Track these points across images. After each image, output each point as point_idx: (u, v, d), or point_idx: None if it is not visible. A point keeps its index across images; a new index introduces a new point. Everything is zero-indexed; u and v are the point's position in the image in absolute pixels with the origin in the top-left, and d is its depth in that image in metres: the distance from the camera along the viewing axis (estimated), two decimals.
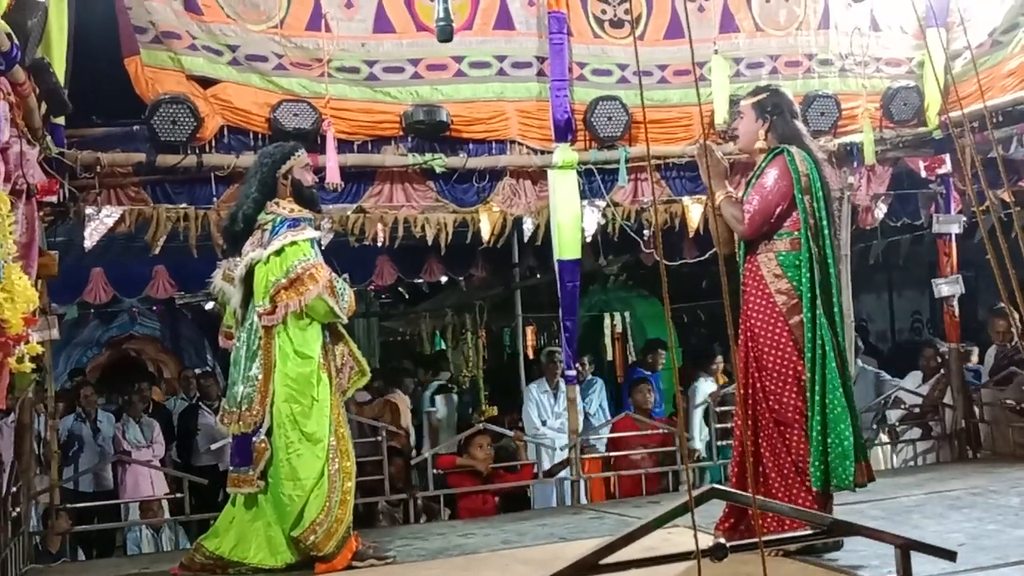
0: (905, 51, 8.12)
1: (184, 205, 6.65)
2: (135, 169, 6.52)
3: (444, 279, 12.10)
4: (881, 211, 8.41)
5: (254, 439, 5.00)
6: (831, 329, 4.68)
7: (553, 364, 8.93)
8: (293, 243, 5.00)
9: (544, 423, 8.80)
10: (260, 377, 4.99)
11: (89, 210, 6.47)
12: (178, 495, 6.77)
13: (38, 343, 4.30)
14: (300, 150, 5.45)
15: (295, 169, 5.28)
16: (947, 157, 8.10)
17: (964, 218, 8.22)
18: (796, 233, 4.76)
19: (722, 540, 2.86)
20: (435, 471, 7.35)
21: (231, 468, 5.17)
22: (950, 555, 3.15)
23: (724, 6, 7.74)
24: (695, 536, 2.45)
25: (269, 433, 4.99)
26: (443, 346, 16.59)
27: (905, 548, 3.03)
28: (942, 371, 8.69)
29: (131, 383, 9.86)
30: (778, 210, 4.76)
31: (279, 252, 4.98)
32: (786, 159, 4.79)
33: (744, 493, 4.29)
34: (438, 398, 11.13)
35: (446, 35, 5.78)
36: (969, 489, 6.53)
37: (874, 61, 8.04)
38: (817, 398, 4.64)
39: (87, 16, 6.06)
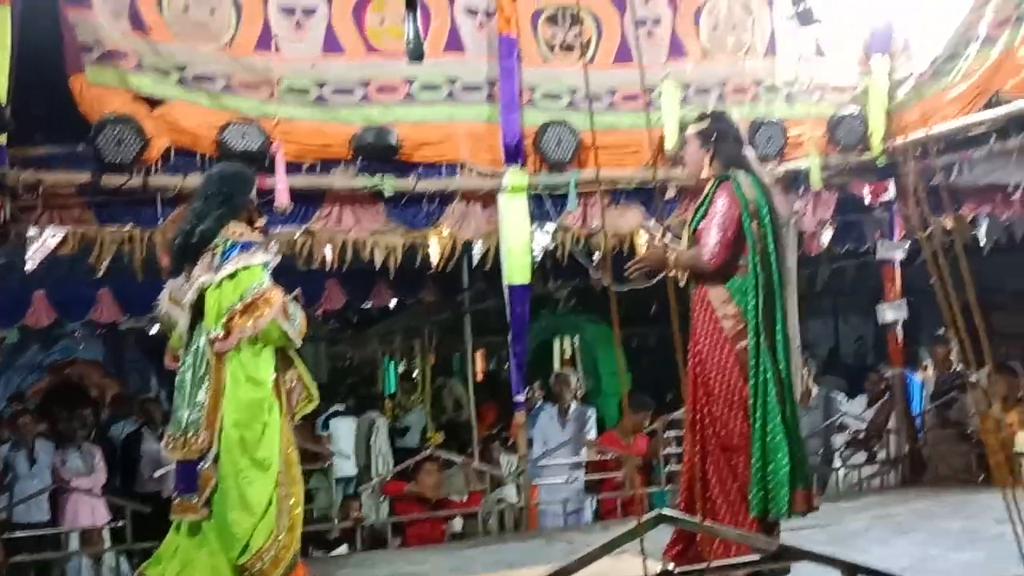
0: (850, 79, 8.24)
1: (129, 227, 6.55)
2: (79, 190, 6.41)
3: (393, 303, 12.04)
4: (827, 237, 8.51)
5: (200, 466, 4.90)
6: (771, 355, 4.69)
7: (562, 387, 8.83)
8: (247, 267, 4.92)
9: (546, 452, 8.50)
10: (208, 403, 4.89)
11: (31, 231, 6.35)
12: (120, 523, 6.62)
13: None
14: None
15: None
16: (891, 183, 8.21)
17: (908, 244, 8.33)
18: (744, 258, 4.78)
19: (670, 566, 2.85)
20: (381, 498, 7.28)
21: (175, 495, 5.07)
22: None
23: (673, 31, 7.80)
24: (644, 563, 2.43)
25: (216, 460, 4.90)
26: (391, 371, 16.51)
27: (851, 572, 3.03)
28: (887, 395, 8.78)
29: (73, 409, 9.65)
30: (733, 238, 4.78)
31: (232, 276, 4.89)
32: (732, 186, 4.81)
33: (692, 519, 4.29)
34: (334, 422, 10.94)
35: (418, 55, 5.73)
36: (913, 513, 6.59)
37: (819, 88, 8.15)
38: (758, 424, 4.65)
39: (30, 33, 5.96)
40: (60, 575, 8.31)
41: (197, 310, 4.95)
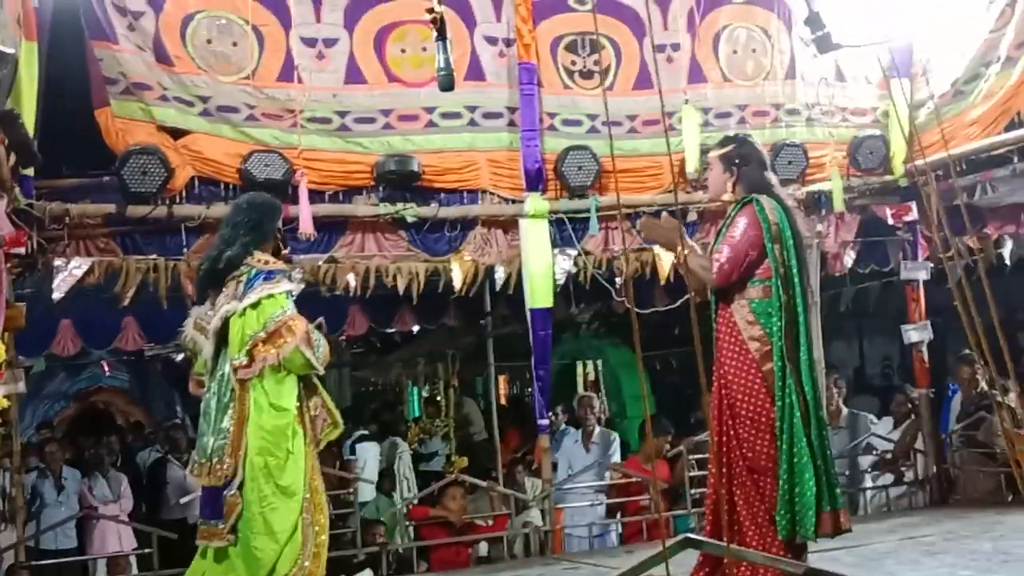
0: (870, 101, 8.25)
1: (154, 256, 6.63)
2: (105, 220, 6.51)
3: (416, 328, 12.06)
4: (850, 258, 8.48)
5: (225, 492, 4.92)
6: (796, 378, 4.68)
7: (585, 410, 8.82)
8: (270, 296, 4.95)
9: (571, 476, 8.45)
10: (232, 429, 4.91)
11: (58, 262, 6.43)
12: (146, 550, 6.65)
13: (4, 396, 4.24)
14: None
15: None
16: (913, 204, 8.19)
17: (931, 265, 8.30)
18: (768, 281, 4.77)
19: None
20: (407, 523, 7.28)
21: (200, 520, 5.09)
22: None
23: (692, 57, 7.86)
24: None
25: (241, 486, 4.92)
26: (414, 396, 16.48)
27: None
28: (913, 416, 8.73)
29: (99, 436, 9.73)
30: (747, 260, 4.76)
31: (255, 305, 4.93)
32: (755, 208, 4.80)
33: (718, 542, 4.27)
34: (360, 447, 10.94)
35: (448, 84, 5.76)
36: (942, 535, 6.54)
37: (840, 111, 8.16)
38: (785, 447, 4.62)
39: (58, 67, 6.06)
40: None
41: (221, 337, 4.99)
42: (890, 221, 8.32)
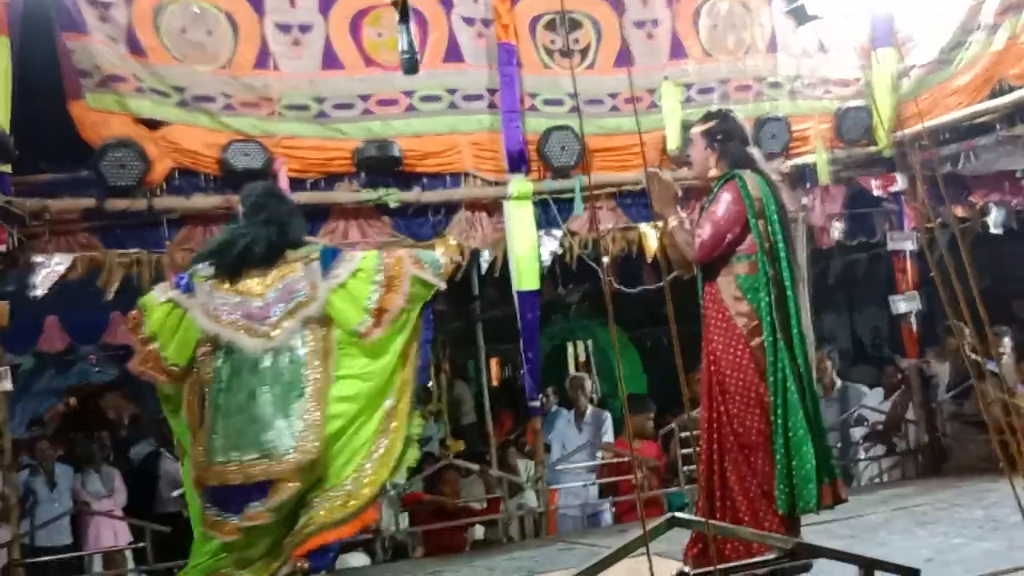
0: (853, 71, 8.21)
1: (136, 250, 6.59)
2: (84, 215, 6.46)
3: None
4: (837, 230, 8.47)
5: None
6: (789, 351, 4.67)
7: (576, 390, 8.80)
8: (363, 256, 4.92)
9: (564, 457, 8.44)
10: (313, 407, 4.68)
11: (39, 258, 6.39)
12: (140, 544, 6.62)
13: None
14: None
15: None
16: (898, 175, 8.17)
17: (918, 235, 8.28)
18: (754, 256, 4.74)
19: (685, 568, 2.83)
20: (401, 508, 7.27)
21: (228, 515, 4.60)
22: (913, 573, 3.13)
23: (672, 33, 7.81)
24: (650, 568, 2.41)
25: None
26: None
27: (868, 568, 3.01)
28: (903, 387, 8.73)
29: (90, 432, 9.68)
30: (728, 236, 4.73)
31: (356, 272, 4.87)
32: (738, 184, 4.78)
33: (703, 520, 4.26)
34: None
35: (411, 67, 5.72)
36: (935, 504, 6.55)
37: (823, 83, 8.13)
38: (780, 421, 4.61)
39: (29, 61, 6.00)
40: None
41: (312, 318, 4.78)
42: (876, 192, 8.29)
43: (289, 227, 4.90)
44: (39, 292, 6.44)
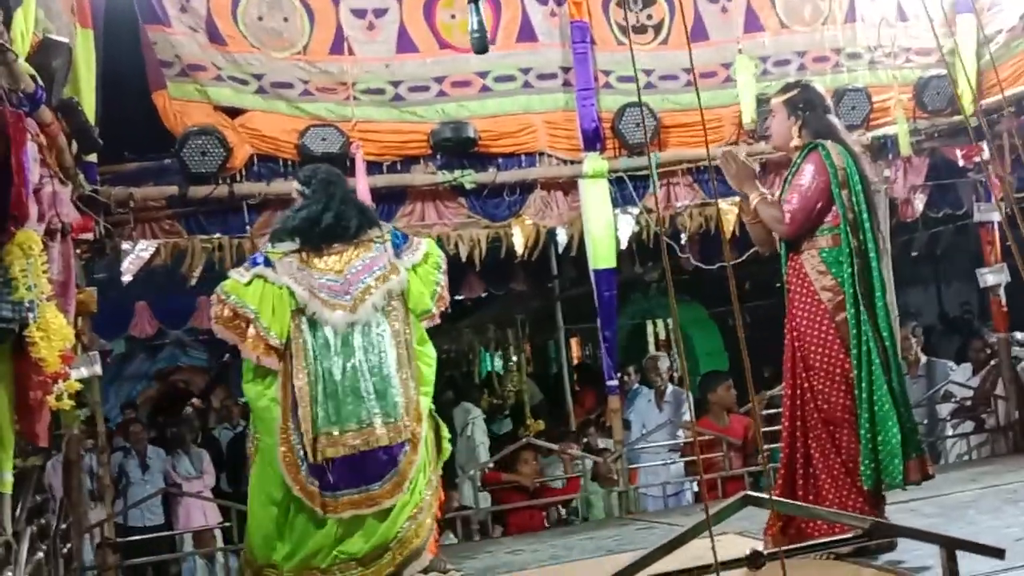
0: (935, 39, 7.99)
1: (218, 235, 6.72)
2: (168, 202, 6.61)
3: (485, 294, 12.10)
4: (921, 202, 8.27)
5: (399, 452, 4.68)
6: (873, 324, 4.59)
7: (651, 372, 8.71)
8: (427, 242, 5.08)
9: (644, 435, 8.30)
10: (410, 381, 4.79)
11: (125, 245, 6.56)
12: (228, 524, 6.79)
13: (79, 379, 4.33)
14: None
15: None
16: (984, 144, 7.94)
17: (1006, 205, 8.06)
18: (837, 229, 4.67)
19: (759, 548, 2.80)
20: (480, 488, 7.32)
21: (340, 491, 4.60)
22: (998, 553, 3.05)
23: (747, 5, 7.69)
24: (713, 549, 2.38)
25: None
26: (487, 362, 16.54)
27: (949, 547, 2.94)
28: (992, 362, 8.52)
29: (180, 414, 9.94)
30: (818, 206, 4.67)
31: (427, 257, 4.97)
32: (821, 154, 4.70)
33: (778, 499, 4.21)
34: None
35: (481, 46, 5.72)
36: None
37: (903, 52, 7.93)
38: (864, 396, 4.54)
39: (114, 53, 6.14)
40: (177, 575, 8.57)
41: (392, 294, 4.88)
42: (960, 163, 8.08)
43: (367, 207, 5.01)
44: (126, 278, 6.62)
